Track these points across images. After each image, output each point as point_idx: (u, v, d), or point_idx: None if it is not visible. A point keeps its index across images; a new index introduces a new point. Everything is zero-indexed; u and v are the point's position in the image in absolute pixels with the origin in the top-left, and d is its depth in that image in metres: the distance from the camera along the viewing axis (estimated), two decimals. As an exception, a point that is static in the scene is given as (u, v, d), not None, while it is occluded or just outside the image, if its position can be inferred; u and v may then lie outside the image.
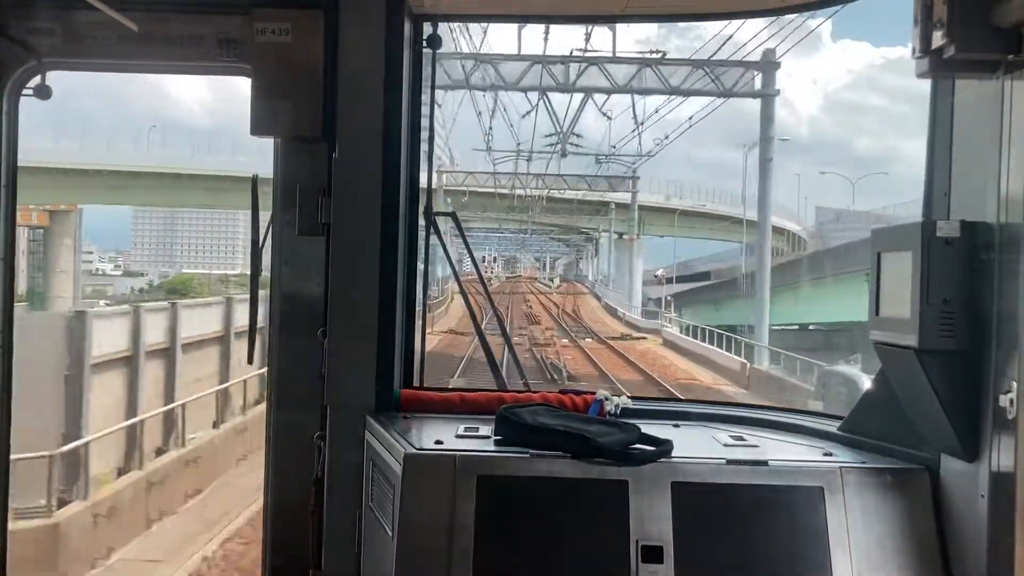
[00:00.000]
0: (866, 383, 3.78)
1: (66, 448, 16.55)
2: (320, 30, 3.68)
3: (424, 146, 3.94)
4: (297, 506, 3.69)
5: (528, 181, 60.45)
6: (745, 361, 33.78)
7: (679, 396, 22.80)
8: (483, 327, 5.11)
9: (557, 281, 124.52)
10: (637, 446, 3.12)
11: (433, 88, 4.17)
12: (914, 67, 2.73)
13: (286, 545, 3.77)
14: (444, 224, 4.16)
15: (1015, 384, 2.52)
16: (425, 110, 3.93)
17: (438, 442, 3.18)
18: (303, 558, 3.64)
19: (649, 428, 3.28)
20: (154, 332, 22.50)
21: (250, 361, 4.11)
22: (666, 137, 44.33)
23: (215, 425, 22.48)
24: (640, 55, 38.02)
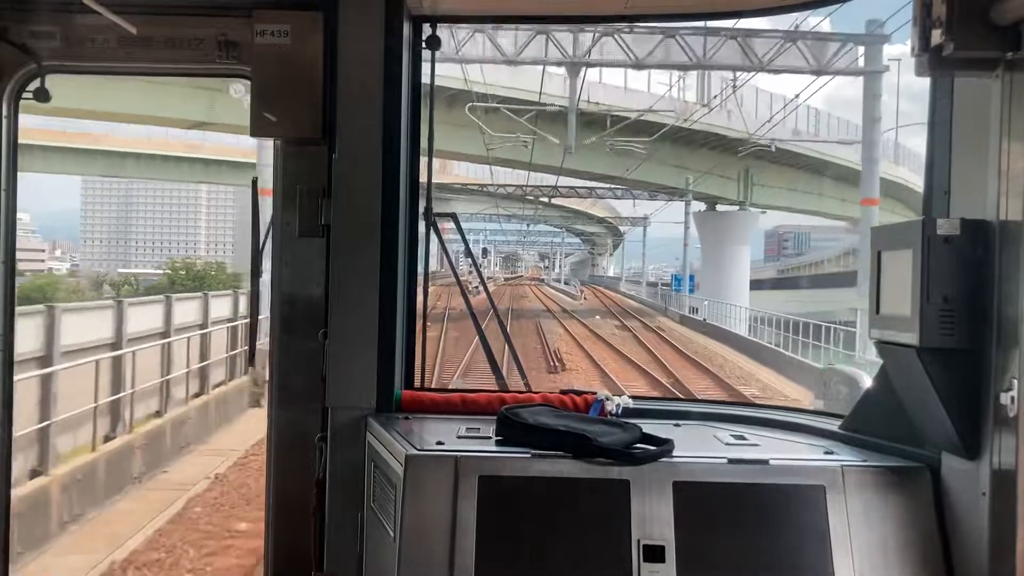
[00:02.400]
0: (867, 382, 3.79)
1: None
2: (319, 32, 3.68)
3: (424, 147, 3.94)
4: (298, 507, 3.69)
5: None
6: None
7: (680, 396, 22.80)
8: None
9: (578, 287, 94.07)
10: (638, 446, 3.13)
11: (432, 89, 4.18)
12: (913, 65, 2.73)
13: (288, 546, 3.78)
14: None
15: (1016, 382, 2.52)
16: (424, 111, 3.94)
17: (439, 443, 3.18)
18: (305, 559, 3.64)
19: (650, 428, 3.28)
20: None
21: (251, 363, 4.13)
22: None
23: None
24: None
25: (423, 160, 3.97)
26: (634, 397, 3.77)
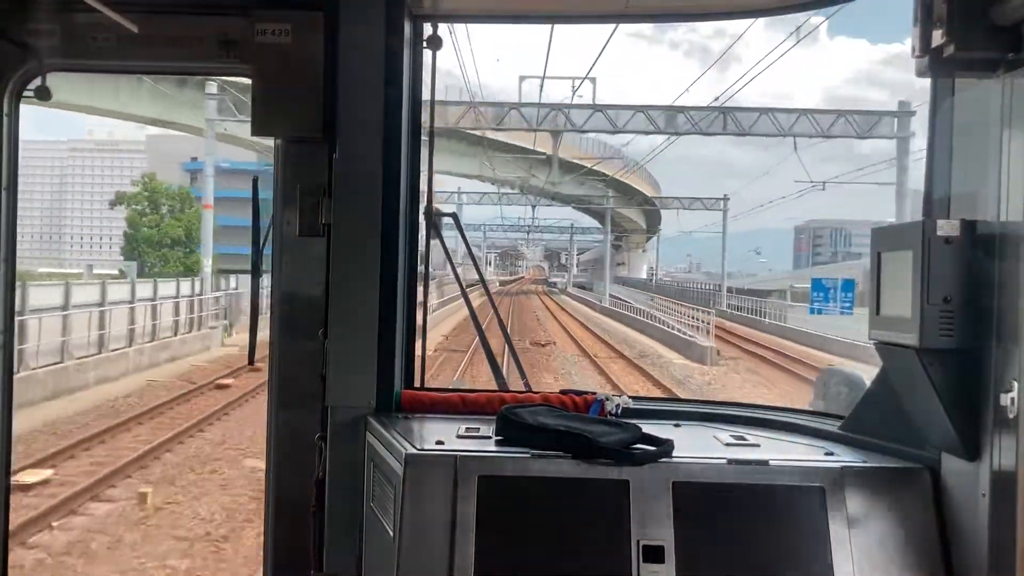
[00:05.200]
0: (867, 383, 3.78)
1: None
2: (320, 31, 3.68)
3: (424, 146, 3.94)
4: (298, 506, 3.69)
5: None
6: None
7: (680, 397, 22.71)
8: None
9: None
10: (638, 446, 3.13)
11: (433, 88, 4.18)
12: (914, 66, 2.73)
13: (287, 545, 3.78)
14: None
15: (1016, 383, 2.52)
16: (425, 110, 3.94)
17: (439, 442, 3.18)
18: (304, 558, 3.64)
19: (650, 428, 3.28)
20: None
21: (251, 362, 4.12)
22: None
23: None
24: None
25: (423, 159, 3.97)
26: (633, 397, 3.77)
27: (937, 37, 2.58)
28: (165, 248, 63.05)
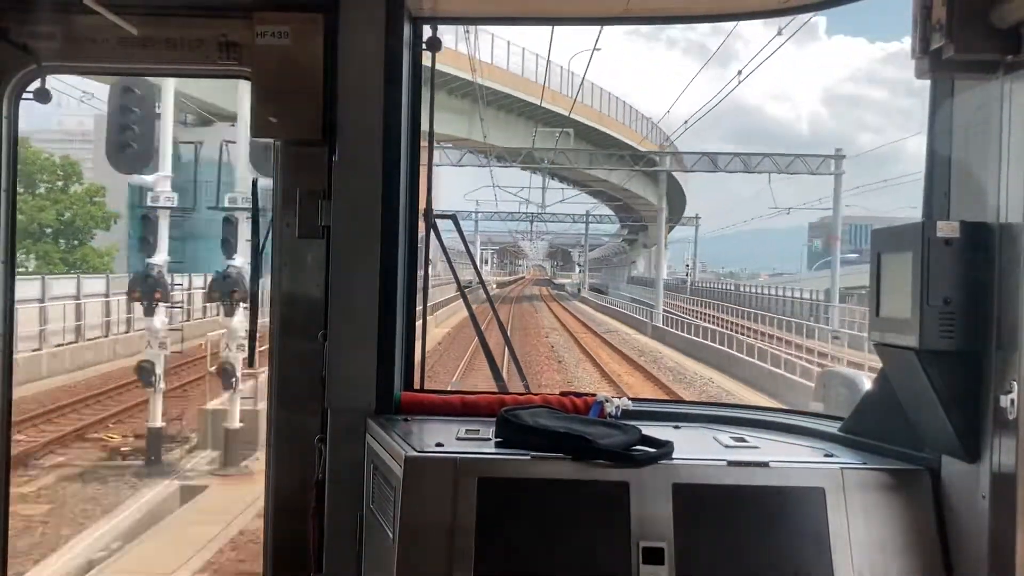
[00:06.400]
0: (866, 384, 3.78)
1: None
2: (320, 33, 3.69)
3: (424, 148, 3.95)
4: (298, 508, 3.69)
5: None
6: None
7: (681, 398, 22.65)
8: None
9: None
10: (638, 448, 3.12)
11: (432, 90, 4.18)
12: (913, 67, 2.73)
13: (287, 547, 3.77)
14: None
15: (1016, 384, 2.52)
16: (424, 112, 3.94)
17: (439, 444, 3.18)
18: (304, 560, 3.64)
19: (650, 430, 3.28)
20: None
21: (251, 364, 4.12)
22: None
23: None
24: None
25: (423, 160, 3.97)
26: (634, 399, 3.77)
27: (937, 39, 2.58)
28: (30, 240, 43.49)
